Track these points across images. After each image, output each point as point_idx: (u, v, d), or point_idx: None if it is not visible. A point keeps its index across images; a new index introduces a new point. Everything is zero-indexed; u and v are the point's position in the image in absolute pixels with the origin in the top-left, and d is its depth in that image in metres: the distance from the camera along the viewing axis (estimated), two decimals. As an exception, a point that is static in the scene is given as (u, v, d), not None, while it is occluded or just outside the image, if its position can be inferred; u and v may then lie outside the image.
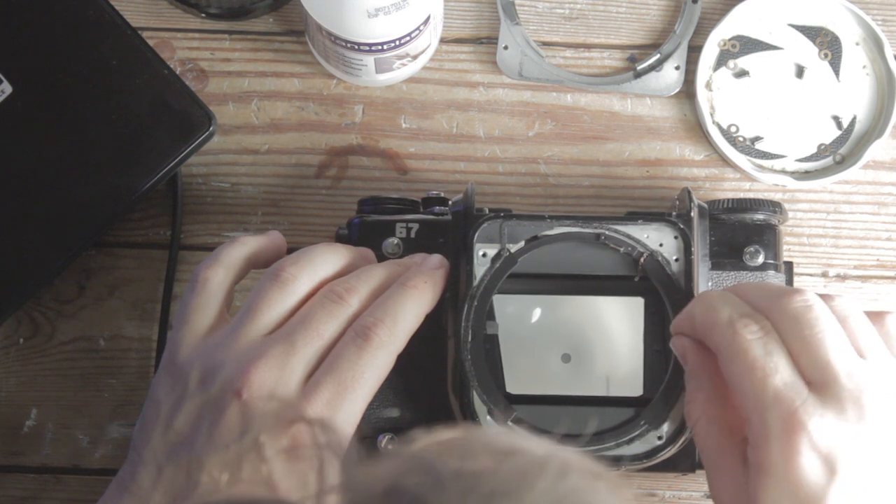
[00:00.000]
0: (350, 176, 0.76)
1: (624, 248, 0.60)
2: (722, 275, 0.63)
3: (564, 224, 0.61)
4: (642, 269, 0.60)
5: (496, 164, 0.76)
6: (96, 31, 0.73)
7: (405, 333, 0.58)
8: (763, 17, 0.77)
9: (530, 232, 0.61)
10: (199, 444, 0.56)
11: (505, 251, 0.60)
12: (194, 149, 0.72)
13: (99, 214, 0.71)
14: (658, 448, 0.58)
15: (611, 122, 0.77)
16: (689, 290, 0.59)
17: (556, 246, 0.61)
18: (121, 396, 0.74)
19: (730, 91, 0.76)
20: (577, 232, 0.61)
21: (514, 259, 0.60)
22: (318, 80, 0.77)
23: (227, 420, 0.55)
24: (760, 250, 0.63)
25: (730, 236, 0.64)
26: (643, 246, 0.60)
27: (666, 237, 0.60)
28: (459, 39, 0.78)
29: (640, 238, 0.60)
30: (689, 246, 0.60)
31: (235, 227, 0.75)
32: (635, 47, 0.78)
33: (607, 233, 0.60)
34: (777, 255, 0.64)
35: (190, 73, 0.77)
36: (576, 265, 0.61)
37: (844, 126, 0.76)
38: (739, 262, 0.63)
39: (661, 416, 0.58)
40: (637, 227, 0.61)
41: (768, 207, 0.65)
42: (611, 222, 0.61)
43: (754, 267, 0.63)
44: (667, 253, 0.60)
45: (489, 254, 0.61)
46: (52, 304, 0.74)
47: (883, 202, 0.76)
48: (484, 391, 0.59)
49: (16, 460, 0.73)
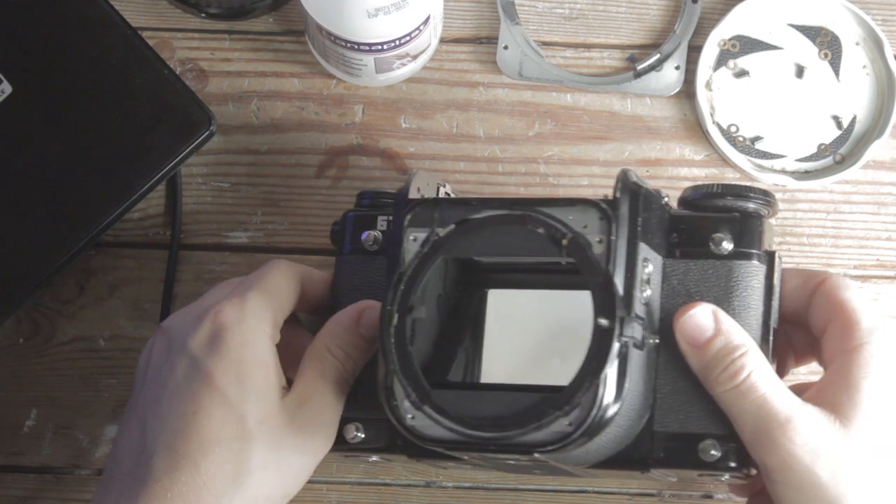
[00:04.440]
0: (350, 176, 0.76)
1: (546, 230, 0.58)
2: (689, 263, 0.60)
3: (492, 207, 0.59)
4: (566, 252, 0.57)
5: (496, 164, 0.76)
6: (96, 31, 0.73)
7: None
8: (763, 17, 0.77)
9: (460, 216, 0.59)
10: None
11: (434, 235, 0.59)
12: (194, 149, 0.72)
13: (99, 214, 0.71)
14: (566, 435, 0.55)
15: (611, 122, 0.77)
16: (607, 272, 0.56)
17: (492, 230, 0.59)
18: (121, 396, 0.74)
19: (730, 91, 0.76)
20: (502, 215, 0.59)
21: (441, 243, 0.59)
22: (318, 80, 0.77)
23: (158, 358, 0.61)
24: (728, 238, 0.60)
25: (699, 224, 0.61)
26: (567, 228, 0.57)
27: (590, 219, 0.57)
28: (459, 39, 0.78)
29: (564, 220, 0.58)
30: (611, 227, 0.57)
31: (235, 227, 0.75)
32: (635, 47, 0.78)
33: (532, 215, 0.58)
34: (751, 243, 0.60)
35: (190, 73, 0.77)
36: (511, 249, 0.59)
37: (844, 126, 0.76)
38: (707, 249, 0.60)
39: (571, 403, 0.55)
40: (561, 210, 0.58)
41: (743, 193, 0.61)
42: (538, 204, 0.58)
43: (722, 256, 0.60)
44: (590, 235, 0.57)
45: (419, 238, 0.60)
46: (52, 304, 0.74)
47: (883, 202, 0.76)
48: (405, 376, 0.57)
49: (16, 460, 0.73)
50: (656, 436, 0.59)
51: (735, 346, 0.57)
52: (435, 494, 0.73)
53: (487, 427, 0.56)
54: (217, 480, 0.56)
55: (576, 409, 0.55)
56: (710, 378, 0.57)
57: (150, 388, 0.60)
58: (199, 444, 0.57)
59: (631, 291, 0.56)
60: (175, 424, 0.57)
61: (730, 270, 0.60)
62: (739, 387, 0.56)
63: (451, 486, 0.73)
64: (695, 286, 0.60)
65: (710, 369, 0.57)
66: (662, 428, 0.59)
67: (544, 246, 0.58)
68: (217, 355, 0.58)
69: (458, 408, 0.57)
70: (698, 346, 0.57)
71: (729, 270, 0.60)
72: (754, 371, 0.56)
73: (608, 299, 0.55)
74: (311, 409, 0.59)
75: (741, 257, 0.60)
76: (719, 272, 0.60)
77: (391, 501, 0.73)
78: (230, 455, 0.57)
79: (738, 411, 0.57)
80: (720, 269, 0.60)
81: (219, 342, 0.59)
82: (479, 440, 0.56)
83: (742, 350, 0.57)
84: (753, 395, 0.56)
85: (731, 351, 0.57)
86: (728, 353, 0.57)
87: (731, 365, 0.56)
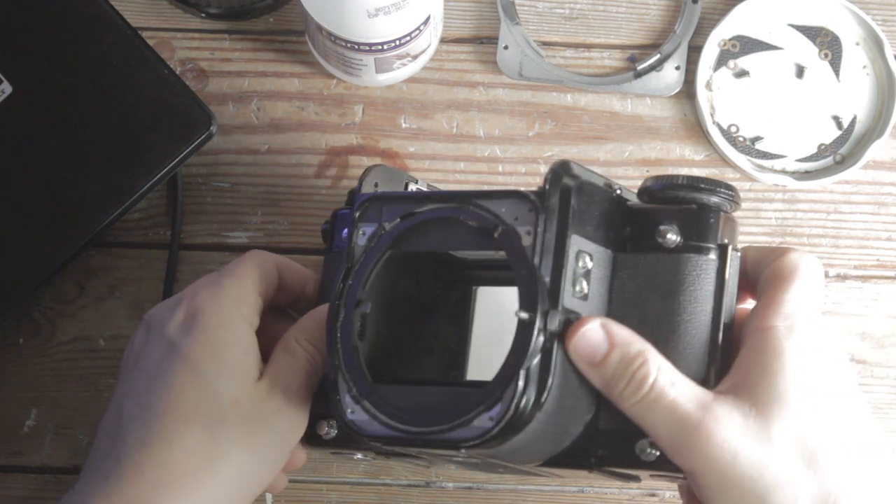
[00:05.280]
0: (350, 176, 0.76)
1: (479, 223, 0.56)
2: (639, 257, 0.57)
3: (433, 201, 0.58)
4: (497, 244, 0.56)
5: (496, 164, 0.76)
6: (96, 31, 0.73)
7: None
8: (763, 17, 0.77)
9: (405, 210, 0.58)
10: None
11: (380, 230, 0.59)
12: (194, 149, 0.72)
13: (99, 214, 0.71)
14: (487, 430, 0.53)
15: (611, 122, 0.77)
16: (532, 265, 0.54)
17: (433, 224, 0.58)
18: (121, 396, 0.74)
19: (730, 91, 0.76)
20: (438, 208, 0.58)
21: (386, 238, 0.58)
22: (318, 80, 0.77)
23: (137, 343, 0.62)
24: (674, 230, 0.57)
25: (649, 216, 0.58)
26: (499, 220, 0.56)
27: (521, 211, 0.56)
28: (459, 39, 0.78)
29: (497, 212, 0.56)
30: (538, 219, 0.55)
31: (235, 227, 0.75)
32: (635, 47, 0.78)
33: (466, 208, 0.57)
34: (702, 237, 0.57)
35: (190, 73, 0.77)
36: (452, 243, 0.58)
37: (844, 126, 0.76)
38: (655, 242, 0.57)
39: (493, 398, 0.53)
40: (495, 202, 0.56)
41: (697, 185, 0.58)
42: (476, 197, 0.57)
43: (669, 249, 0.57)
44: (520, 227, 0.55)
45: (367, 233, 0.59)
46: (52, 304, 0.74)
47: (883, 202, 0.76)
48: (348, 370, 0.57)
49: (16, 460, 0.73)
50: (600, 434, 0.57)
51: (633, 356, 0.54)
52: (435, 494, 0.73)
53: (417, 422, 0.55)
54: (190, 457, 0.56)
55: (497, 404, 0.53)
56: (616, 394, 0.54)
57: (128, 374, 0.60)
58: (172, 420, 0.57)
59: (558, 285, 0.54)
60: (149, 402, 0.58)
61: (678, 264, 0.57)
62: (646, 397, 0.53)
63: (451, 486, 0.73)
64: (643, 281, 0.57)
65: (614, 385, 0.54)
66: (606, 426, 0.56)
67: (480, 239, 0.57)
68: (192, 336, 0.59)
69: (397, 403, 0.56)
70: (596, 365, 0.54)
71: (677, 264, 0.57)
72: (658, 377, 0.53)
73: (531, 292, 0.54)
74: (279, 397, 0.59)
75: (690, 250, 0.57)
76: (667, 266, 0.57)
77: (391, 501, 0.73)
78: (203, 432, 0.57)
79: (650, 422, 0.54)
80: (668, 263, 0.57)
81: (193, 324, 0.59)
82: (408, 435, 0.55)
83: (641, 359, 0.54)
84: (662, 402, 0.53)
85: (630, 361, 0.54)
86: (627, 364, 0.54)
87: (634, 377, 0.54)
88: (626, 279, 0.57)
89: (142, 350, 0.60)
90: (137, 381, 0.59)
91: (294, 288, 0.65)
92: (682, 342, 0.56)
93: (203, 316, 0.59)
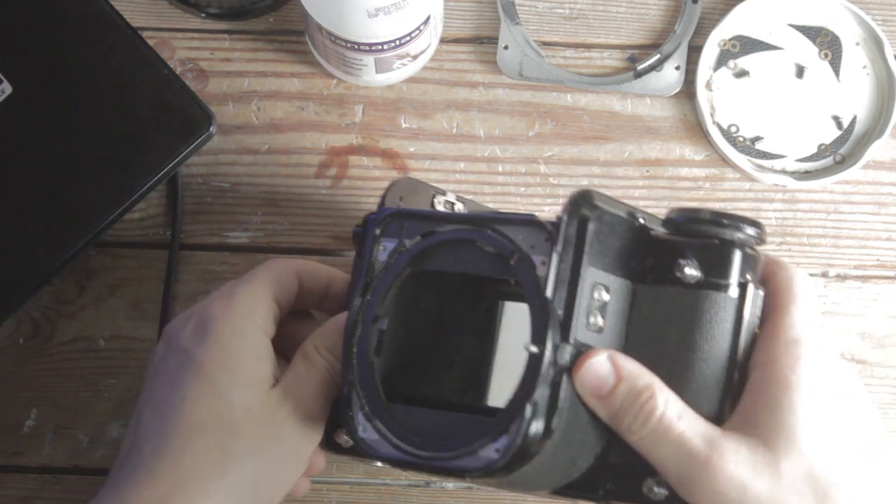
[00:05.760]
0: (350, 176, 0.76)
1: (496, 249, 0.56)
2: (658, 290, 0.56)
3: (453, 222, 0.57)
4: (512, 272, 0.55)
5: (496, 164, 0.76)
6: (96, 31, 0.73)
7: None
8: (763, 17, 0.77)
9: (426, 229, 0.58)
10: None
11: (401, 247, 0.58)
12: (194, 149, 0.72)
13: (99, 214, 0.71)
14: (493, 462, 0.53)
15: (611, 122, 0.77)
16: (543, 296, 0.53)
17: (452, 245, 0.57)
18: (121, 396, 0.74)
19: (730, 91, 0.76)
20: (457, 230, 0.57)
21: (407, 255, 0.58)
22: (318, 80, 0.77)
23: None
24: (694, 265, 0.55)
25: (671, 249, 0.56)
26: (515, 247, 0.55)
27: (538, 239, 0.55)
28: (459, 39, 0.78)
29: (514, 239, 0.55)
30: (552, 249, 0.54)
31: (235, 227, 0.75)
32: (635, 47, 0.78)
33: (484, 232, 0.56)
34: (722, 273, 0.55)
35: (190, 73, 0.77)
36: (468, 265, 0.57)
37: (844, 126, 0.76)
38: (675, 276, 0.55)
39: (499, 429, 0.53)
40: (513, 228, 0.56)
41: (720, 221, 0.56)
42: (495, 222, 0.56)
43: (689, 284, 0.55)
44: (536, 256, 0.55)
45: (388, 248, 0.58)
46: (52, 304, 0.74)
47: (883, 202, 0.76)
48: (362, 387, 0.56)
49: (16, 460, 0.73)
50: (609, 468, 0.56)
51: (640, 389, 0.53)
52: (435, 494, 0.73)
53: (426, 447, 0.55)
54: (202, 465, 0.57)
55: (503, 435, 0.53)
56: (623, 428, 0.54)
57: (148, 385, 0.61)
58: (185, 429, 0.57)
59: (570, 318, 0.53)
60: (164, 412, 0.58)
61: (696, 300, 0.55)
62: (654, 432, 0.53)
63: (451, 486, 0.73)
64: (662, 315, 0.56)
65: (621, 419, 0.54)
66: (616, 460, 0.56)
67: (496, 264, 0.56)
68: (205, 345, 0.59)
69: (408, 425, 0.56)
70: (603, 398, 0.53)
71: (696, 300, 0.55)
72: (666, 411, 0.53)
73: (541, 325, 0.53)
74: (293, 405, 0.59)
75: (710, 287, 0.55)
76: (686, 302, 0.55)
77: (391, 501, 0.73)
78: (216, 441, 0.57)
79: (657, 457, 0.53)
80: (687, 299, 0.55)
81: (206, 333, 0.59)
82: (417, 459, 0.55)
83: (648, 392, 0.53)
84: (669, 436, 0.53)
85: (638, 395, 0.53)
86: (635, 397, 0.53)
87: (641, 410, 0.53)
88: (644, 312, 0.56)
89: (160, 361, 0.61)
90: (155, 391, 0.60)
91: (317, 290, 0.64)
92: (696, 378, 0.55)
93: (215, 325, 0.59)
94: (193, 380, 0.58)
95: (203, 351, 0.59)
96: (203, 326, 0.60)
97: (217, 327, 0.59)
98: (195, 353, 0.59)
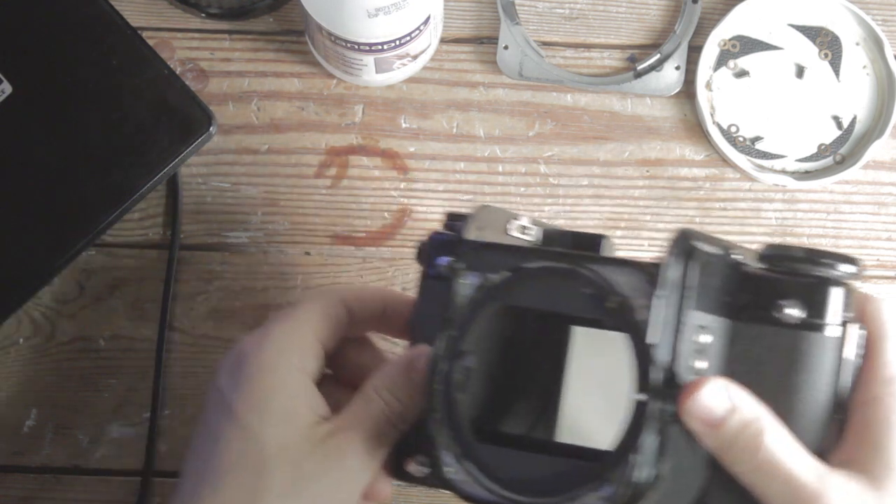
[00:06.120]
0: (350, 176, 0.76)
1: (594, 290, 0.55)
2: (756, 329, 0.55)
3: (544, 258, 0.56)
4: (611, 314, 0.54)
5: (496, 164, 0.76)
6: (96, 30, 0.73)
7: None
8: (763, 17, 0.77)
9: (512, 264, 0.57)
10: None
11: (486, 281, 0.57)
12: (194, 149, 0.72)
13: (99, 214, 0.71)
14: None
15: (611, 122, 0.77)
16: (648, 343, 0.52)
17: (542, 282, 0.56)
18: (121, 396, 0.74)
19: (730, 91, 0.76)
20: (552, 267, 0.56)
21: (493, 290, 0.57)
22: (318, 80, 0.77)
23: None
24: (796, 305, 0.54)
25: (769, 287, 0.55)
26: (614, 289, 0.54)
27: (638, 282, 0.54)
28: (459, 39, 0.78)
29: (613, 280, 0.54)
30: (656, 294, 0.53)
31: (235, 227, 0.75)
32: (635, 47, 0.78)
33: (581, 272, 0.55)
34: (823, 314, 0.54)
35: (190, 73, 0.77)
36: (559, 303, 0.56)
37: (844, 126, 0.76)
38: (774, 316, 0.54)
39: (603, 477, 0.52)
40: (611, 269, 0.55)
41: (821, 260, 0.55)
42: (589, 261, 0.55)
43: (789, 324, 0.54)
44: (637, 300, 0.54)
45: (471, 282, 0.57)
46: (52, 304, 0.74)
47: (883, 202, 0.76)
48: (449, 426, 0.55)
49: (16, 460, 0.73)
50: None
51: (751, 421, 0.52)
52: (435, 494, 0.73)
53: (523, 492, 0.54)
54: None
55: (608, 484, 0.52)
56: (729, 458, 0.53)
57: (199, 419, 0.61)
58: (217, 470, 0.57)
59: (674, 364, 0.52)
60: (202, 452, 0.59)
61: (797, 342, 0.54)
62: (762, 466, 0.52)
63: (451, 486, 0.73)
64: (761, 355, 0.55)
65: (728, 449, 0.53)
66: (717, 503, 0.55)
67: (591, 306, 0.55)
68: (237, 385, 0.59)
69: (500, 467, 0.55)
70: (712, 426, 0.52)
71: (796, 341, 0.54)
72: (776, 446, 0.52)
73: (646, 371, 0.52)
74: (340, 442, 0.58)
75: (811, 328, 0.54)
76: (786, 343, 0.54)
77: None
78: (247, 481, 0.57)
79: (765, 490, 0.52)
80: (787, 340, 0.54)
81: (238, 372, 0.59)
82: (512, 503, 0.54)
83: (760, 425, 0.52)
84: (777, 471, 0.52)
85: (748, 426, 0.52)
86: (744, 429, 0.52)
87: (751, 443, 0.52)
88: (742, 351, 0.55)
89: (206, 397, 0.61)
90: (197, 431, 0.60)
91: (371, 316, 0.63)
92: (798, 418, 0.54)
93: (248, 364, 0.59)
94: (225, 420, 0.58)
95: (235, 391, 0.58)
96: (237, 365, 0.59)
97: (249, 367, 0.59)
98: (228, 393, 0.59)
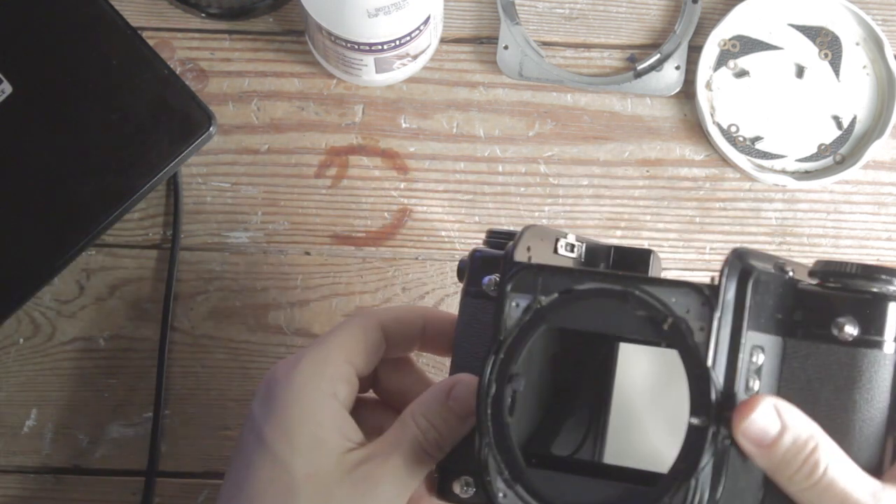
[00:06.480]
0: (350, 176, 0.76)
1: (648, 311, 0.54)
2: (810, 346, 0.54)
3: (595, 280, 0.55)
4: (666, 336, 0.54)
5: (496, 164, 0.76)
6: (96, 31, 0.73)
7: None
8: (763, 17, 0.77)
9: (563, 285, 0.56)
10: None
11: (536, 304, 0.56)
12: (194, 149, 0.72)
13: (99, 214, 0.71)
14: None
15: (611, 122, 0.77)
16: (705, 366, 0.52)
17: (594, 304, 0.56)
18: (121, 396, 0.74)
19: (730, 91, 0.76)
20: (604, 289, 0.55)
21: (543, 312, 0.56)
22: (318, 80, 0.77)
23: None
24: (853, 322, 0.54)
25: (824, 303, 0.55)
26: (669, 311, 0.54)
27: (693, 303, 0.53)
28: (459, 39, 0.78)
29: (667, 301, 0.54)
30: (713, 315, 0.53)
31: (235, 227, 0.75)
32: (635, 47, 0.78)
33: (635, 293, 0.54)
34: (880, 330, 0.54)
35: (190, 73, 0.77)
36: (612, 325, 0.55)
37: (844, 126, 0.76)
38: (830, 333, 0.54)
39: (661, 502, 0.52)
40: (664, 290, 0.54)
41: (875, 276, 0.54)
42: (641, 282, 0.54)
43: (846, 342, 0.54)
44: (692, 321, 0.53)
45: (521, 305, 0.56)
46: (52, 304, 0.74)
47: (883, 202, 0.76)
48: (500, 450, 0.55)
49: (16, 460, 0.73)
50: None
51: (805, 440, 0.52)
52: (435, 494, 0.72)
53: None
54: None
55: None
56: (784, 478, 0.52)
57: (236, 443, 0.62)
58: (249, 497, 0.58)
59: (732, 387, 0.52)
60: (235, 479, 0.59)
61: (853, 359, 0.54)
62: (817, 485, 0.52)
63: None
64: (815, 372, 0.54)
65: (782, 469, 0.52)
66: None
67: (645, 326, 0.54)
68: (267, 413, 0.59)
69: (552, 491, 0.54)
70: (766, 447, 0.52)
71: (852, 359, 0.54)
72: (830, 465, 0.52)
73: (703, 396, 0.51)
74: (373, 469, 0.58)
75: (867, 345, 0.54)
76: (842, 360, 0.54)
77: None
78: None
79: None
80: (843, 357, 0.54)
81: (269, 400, 0.59)
82: None
83: (813, 443, 0.52)
84: (833, 489, 0.51)
85: (802, 446, 0.52)
86: (799, 449, 0.52)
87: (806, 462, 0.52)
88: (795, 368, 0.55)
89: (244, 422, 0.61)
90: (232, 455, 0.61)
91: (410, 337, 0.63)
92: (854, 436, 0.54)
93: (278, 391, 0.59)
94: (257, 447, 0.58)
95: (265, 419, 0.59)
96: (268, 393, 0.59)
97: (279, 394, 0.59)
98: (259, 420, 0.59)
